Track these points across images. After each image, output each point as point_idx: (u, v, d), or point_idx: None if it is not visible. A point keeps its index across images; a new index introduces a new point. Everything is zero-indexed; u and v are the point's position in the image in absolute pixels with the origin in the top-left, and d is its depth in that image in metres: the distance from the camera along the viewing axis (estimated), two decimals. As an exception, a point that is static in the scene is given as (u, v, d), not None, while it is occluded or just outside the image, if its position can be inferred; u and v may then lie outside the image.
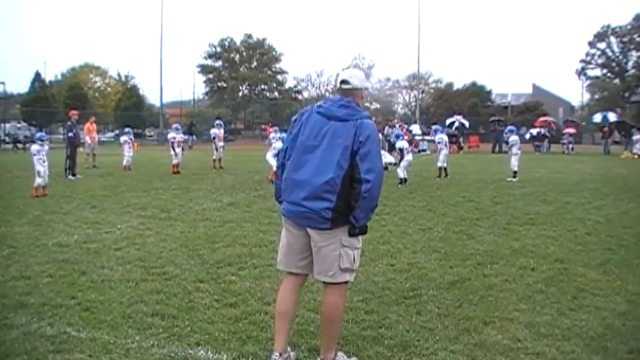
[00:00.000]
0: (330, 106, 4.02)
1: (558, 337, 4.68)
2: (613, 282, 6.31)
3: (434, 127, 24.31)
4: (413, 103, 70.08)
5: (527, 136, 37.97)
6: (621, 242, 8.30)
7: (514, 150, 16.99)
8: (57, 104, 51.79)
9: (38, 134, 15.41)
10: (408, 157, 16.24)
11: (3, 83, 50.55)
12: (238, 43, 74.67)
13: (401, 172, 15.60)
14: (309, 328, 4.85)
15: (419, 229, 9.31)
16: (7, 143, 45.30)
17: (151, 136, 57.33)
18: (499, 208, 11.46)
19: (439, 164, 17.73)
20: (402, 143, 16.70)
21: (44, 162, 13.82)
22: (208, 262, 7.11)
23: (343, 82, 4.10)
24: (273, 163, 16.44)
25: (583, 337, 4.67)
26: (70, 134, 18.89)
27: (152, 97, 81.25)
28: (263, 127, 54.83)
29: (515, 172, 16.58)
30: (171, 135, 20.80)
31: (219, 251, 7.72)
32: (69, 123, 19.78)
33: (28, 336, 4.77)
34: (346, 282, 4.10)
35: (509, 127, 18.81)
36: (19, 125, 53.86)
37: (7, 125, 54.18)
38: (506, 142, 19.82)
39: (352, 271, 4.07)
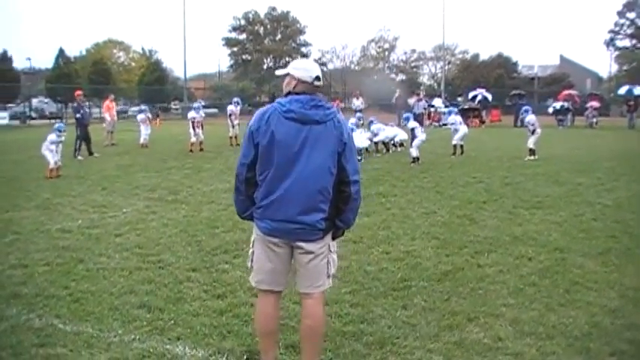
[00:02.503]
0: (302, 109, 3.65)
1: (542, 335, 4.61)
2: (610, 274, 6.19)
3: (448, 108, 23.95)
4: (439, 75, 69.29)
5: (551, 109, 37.35)
6: (626, 229, 8.12)
7: (531, 129, 16.58)
8: (80, 80, 52.09)
9: (57, 125, 15.51)
10: (422, 136, 16.06)
11: (29, 59, 51.09)
12: (262, 16, 74.32)
13: (414, 151, 15.45)
14: (290, 323, 4.83)
15: (423, 212, 9.24)
16: (34, 119, 45.98)
17: (177, 109, 57.49)
18: (508, 189, 11.31)
19: (454, 142, 17.52)
20: (413, 123, 16.51)
21: (56, 152, 14.00)
22: (205, 249, 7.15)
23: (317, 78, 3.78)
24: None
25: (567, 336, 4.60)
26: (78, 115, 18.87)
27: (177, 71, 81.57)
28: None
29: (532, 151, 16.26)
30: (191, 114, 20.63)
31: (217, 237, 7.75)
32: (75, 104, 19.81)
33: (16, 329, 4.87)
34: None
35: (525, 107, 18.29)
36: (45, 100, 54.54)
37: (35, 100, 54.92)
38: (522, 122, 19.32)
39: (334, 276, 4.02)
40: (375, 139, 18.23)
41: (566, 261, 6.63)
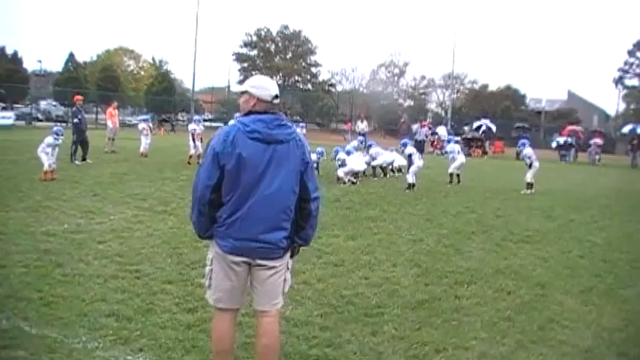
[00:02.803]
0: (266, 128, 3.67)
1: (506, 372, 4.57)
2: (589, 313, 6.14)
3: (444, 136, 23.98)
4: (447, 103, 69.46)
5: (554, 144, 37.43)
6: (612, 268, 8.08)
7: (528, 162, 16.56)
8: (89, 85, 52.40)
9: (55, 128, 15.57)
10: (419, 162, 16.05)
11: (40, 61, 51.50)
12: (274, 34, 74.73)
13: (410, 178, 15.43)
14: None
15: (409, 239, 9.19)
16: (40, 120, 46.16)
17: (183, 121, 57.71)
18: (499, 222, 11.26)
19: (450, 170, 17.50)
20: (410, 149, 16.51)
21: (52, 155, 14.04)
22: (184, 262, 7.12)
23: (276, 96, 3.82)
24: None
25: (532, 373, 4.56)
26: (76, 120, 18.95)
27: (187, 82, 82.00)
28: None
29: (529, 184, 16.22)
30: (191, 127, 20.71)
31: (199, 251, 7.67)
32: (74, 108, 19.89)
33: (-19, 330, 4.84)
34: None
35: (522, 140, 18.26)
36: (54, 103, 54.91)
37: (43, 103, 55.29)
38: (519, 155, 19.25)
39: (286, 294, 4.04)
40: (373, 163, 18.24)
41: (545, 297, 6.58)
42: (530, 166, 16.46)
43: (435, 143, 35.59)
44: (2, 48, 56.32)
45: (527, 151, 16.71)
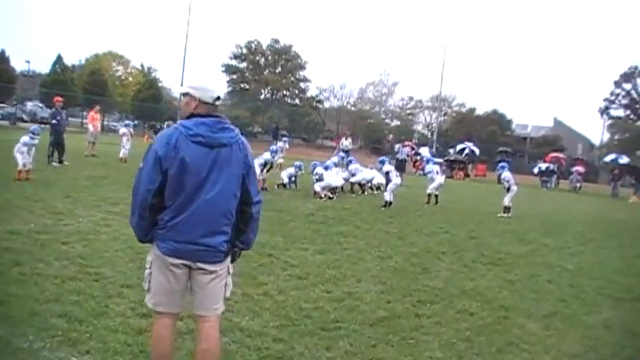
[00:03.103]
0: (209, 132, 3.62)
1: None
2: (549, 337, 6.14)
3: (425, 156, 24.07)
4: (434, 124, 69.83)
5: (536, 170, 37.70)
6: (579, 294, 8.07)
7: (506, 185, 16.60)
8: (76, 89, 52.11)
9: (32, 127, 15.47)
10: (396, 180, 16.04)
11: (28, 62, 51.23)
12: (265, 47, 74.76)
13: (387, 195, 15.38)
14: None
15: (378, 256, 9.15)
16: (25, 121, 45.80)
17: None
18: (471, 243, 11.24)
19: (428, 190, 17.47)
20: (388, 167, 16.50)
21: (27, 154, 13.93)
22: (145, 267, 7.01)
23: (218, 98, 3.75)
24: (258, 171, 16.37)
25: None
26: (54, 121, 18.86)
27: (175, 91, 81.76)
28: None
29: (506, 208, 16.24)
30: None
31: (164, 257, 7.63)
32: (52, 110, 19.79)
33: None
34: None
35: (501, 164, 18.27)
36: (40, 105, 54.54)
37: (30, 104, 54.91)
38: (499, 179, 19.30)
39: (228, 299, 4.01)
40: (352, 180, 18.19)
41: (508, 320, 6.55)
42: (508, 189, 16.48)
43: (418, 163, 35.68)
44: (-11, 47, 56.05)
45: (506, 174, 16.71)
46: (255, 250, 8.41)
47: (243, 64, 75.02)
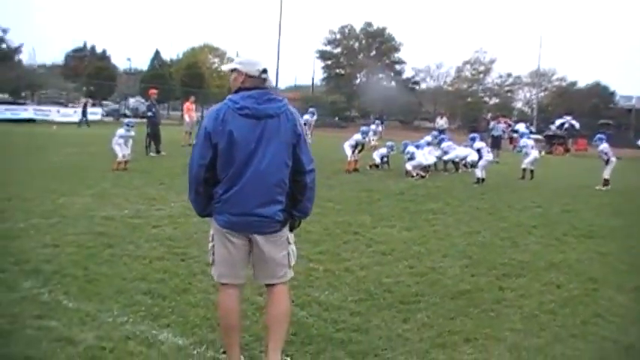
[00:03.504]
0: (255, 104, 3.64)
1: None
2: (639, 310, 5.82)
3: (520, 131, 23.29)
4: (534, 100, 67.52)
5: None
6: (679, 268, 7.61)
7: (605, 158, 15.87)
8: (174, 82, 53.80)
9: (126, 120, 16.16)
10: (488, 156, 15.71)
11: (129, 59, 53.41)
12: (358, 31, 74.54)
13: (479, 172, 15.10)
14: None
15: (465, 232, 8.94)
16: (127, 117, 47.83)
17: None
18: (565, 217, 10.79)
19: (523, 165, 16.99)
20: (479, 144, 16.16)
21: (125, 145, 14.54)
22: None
23: (265, 71, 3.76)
24: (349, 152, 16.42)
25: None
26: (150, 113, 19.59)
27: (271, 80, 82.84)
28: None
29: (606, 181, 15.55)
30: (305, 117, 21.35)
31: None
32: (148, 102, 20.46)
33: (24, 300, 5.10)
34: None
35: (598, 135, 17.40)
36: (142, 100, 56.78)
37: (132, 100, 57.29)
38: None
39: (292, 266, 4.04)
40: (445, 158, 17.93)
41: (596, 292, 6.22)
42: (607, 162, 15.77)
43: (514, 140, 34.63)
44: (92, 47, 58.80)
45: (604, 146, 15.99)
46: (341, 229, 8.47)
47: (338, 50, 75.14)
